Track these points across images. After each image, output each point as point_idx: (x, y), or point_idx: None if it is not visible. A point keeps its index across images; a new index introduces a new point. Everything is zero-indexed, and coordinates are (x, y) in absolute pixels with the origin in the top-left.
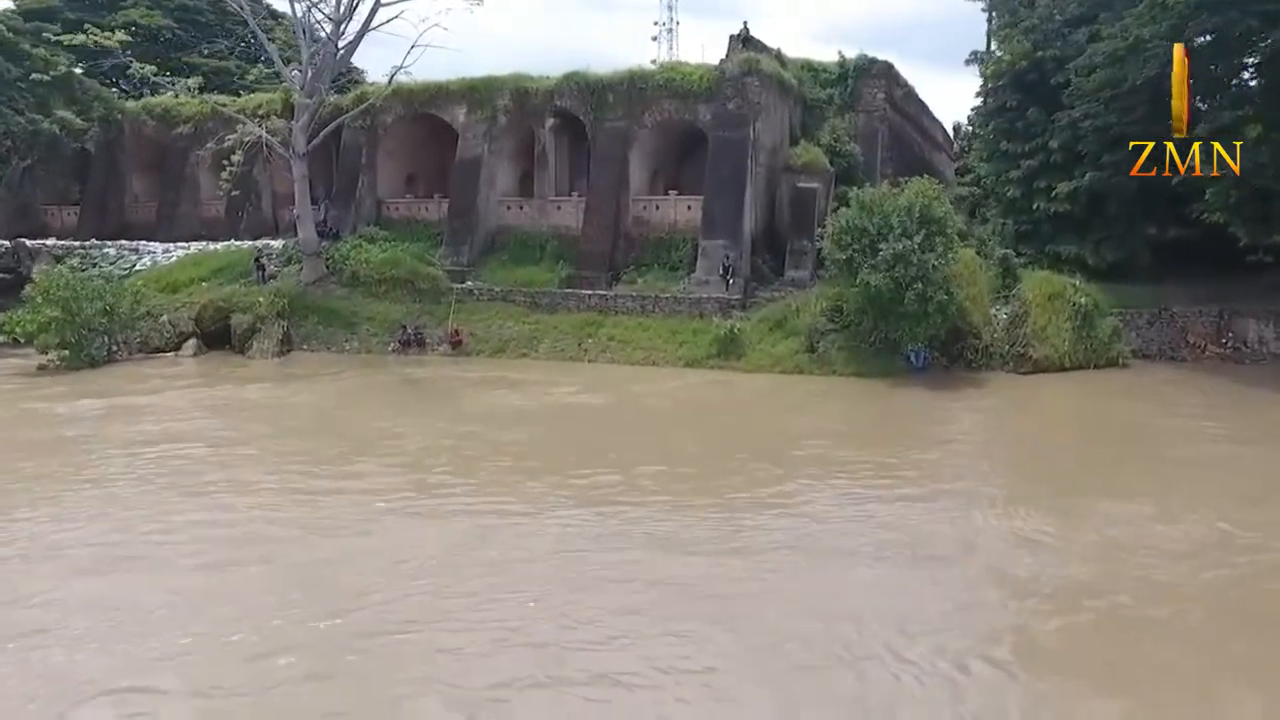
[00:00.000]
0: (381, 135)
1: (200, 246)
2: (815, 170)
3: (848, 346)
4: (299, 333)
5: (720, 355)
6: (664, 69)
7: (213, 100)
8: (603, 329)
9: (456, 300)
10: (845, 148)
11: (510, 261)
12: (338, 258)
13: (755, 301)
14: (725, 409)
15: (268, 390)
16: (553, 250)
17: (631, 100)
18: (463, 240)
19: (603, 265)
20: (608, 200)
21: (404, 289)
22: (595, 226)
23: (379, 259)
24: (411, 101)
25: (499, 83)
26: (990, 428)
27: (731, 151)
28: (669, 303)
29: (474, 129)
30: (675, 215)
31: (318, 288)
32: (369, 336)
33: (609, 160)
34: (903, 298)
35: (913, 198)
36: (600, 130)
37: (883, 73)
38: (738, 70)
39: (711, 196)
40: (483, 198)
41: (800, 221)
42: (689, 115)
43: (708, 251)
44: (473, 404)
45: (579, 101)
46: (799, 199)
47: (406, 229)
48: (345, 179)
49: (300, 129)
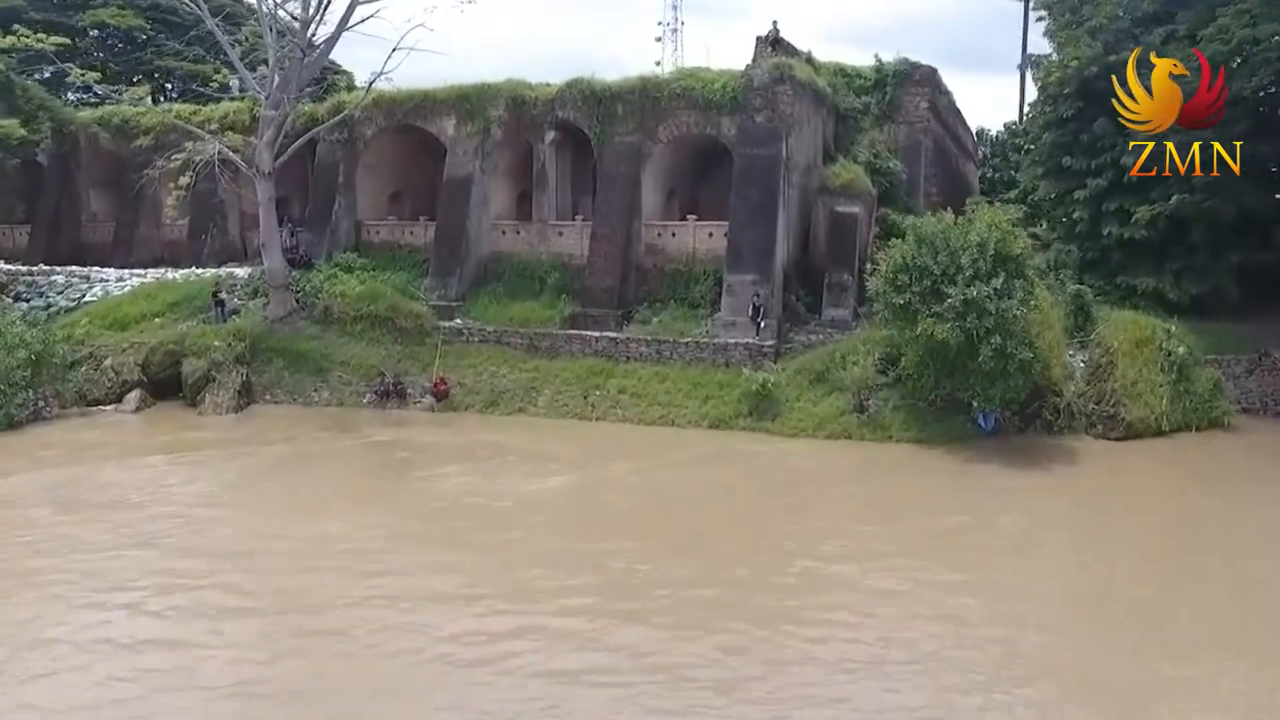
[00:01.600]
0: (361, 149)
1: (158, 274)
2: (856, 192)
3: (904, 406)
4: (262, 380)
5: (752, 414)
6: (681, 76)
7: (173, 110)
8: (612, 379)
9: (443, 342)
10: (886, 165)
11: (505, 295)
12: (309, 290)
13: (790, 347)
14: (766, 498)
15: (181, 466)
16: (554, 283)
17: (644, 112)
18: (451, 270)
19: (611, 301)
20: (616, 226)
21: (383, 328)
22: (602, 257)
23: (356, 292)
24: (394, 112)
25: (492, 91)
26: (1094, 535)
27: (761, 172)
28: (689, 349)
29: (464, 143)
30: (694, 243)
31: (285, 325)
32: (342, 386)
33: (618, 180)
34: (976, 352)
35: (985, 232)
36: (608, 146)
37: (926, 79)
38: (767, 77)
39: (738, 224)
40: (474, 221)
41: (840, 251)
42: (710, 129)
43: (734, 288)
44: (435, 494)
45: (583, 113)
46: (838, 225)
47: (388, 255)
48: (320, 199)
49: (265, 144)
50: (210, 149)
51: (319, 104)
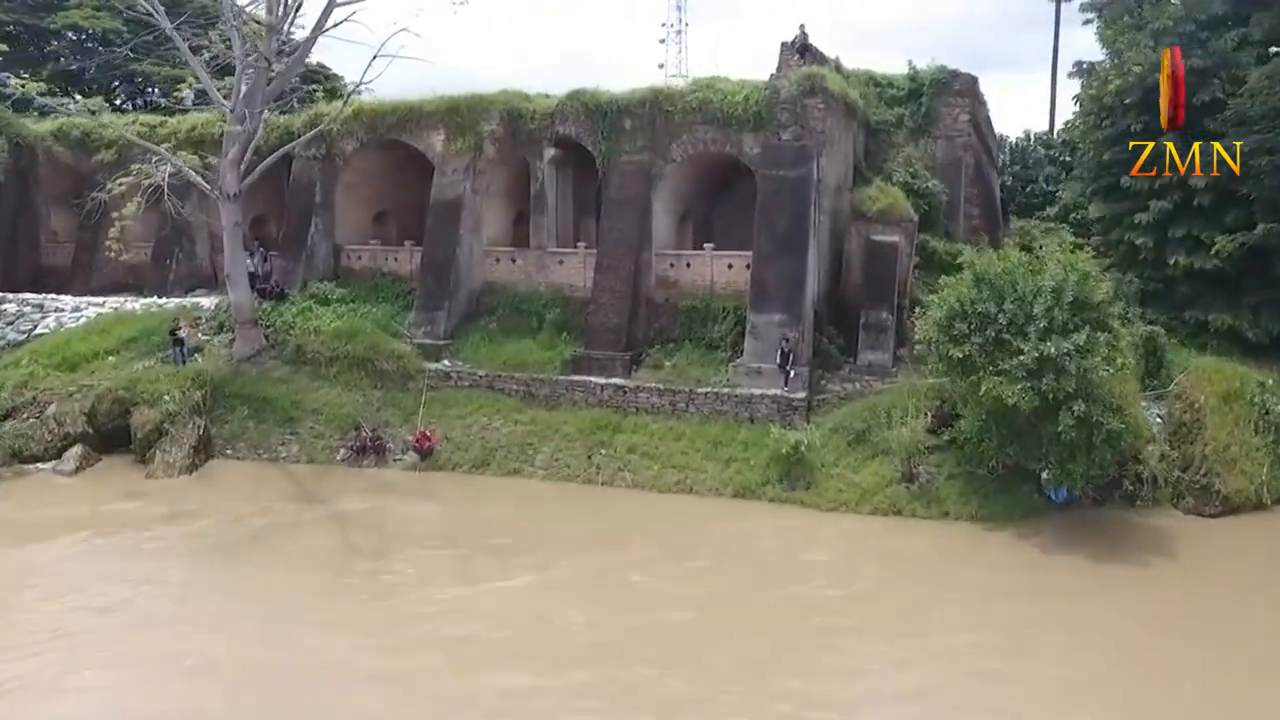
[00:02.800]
0: (341, 166)
1: (118, 303)
2: (894, 218)
3: (960, 474)
4: (223, 431)
5: (782, 481)
6: (696, 87)
7: (138, 121)
8: (620, 435)
9: (429, 387)
10: (925, 185)
11: (499, 333)
12: (280, 326)
13: (823, 399)
14: (791, 618)
15: (89, 556)
16: (554, 319)
17: (654, 127)
18: (438, 304)
19: (618, 342)
20: (624, 256)
21: (362, 370)
22: (608, 291)
23: (332, 329)
24: (376, 126)
25: (485, 103)
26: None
27: (789, 197)
28: (708, 400)
29: (453, 161)
30: (712, 275)
31: (253, 365)
32: (313, 439)
33: (625, 205)
34: (1053, 419)
35: (1061, 275)
36: (615, 166)
37: (967, 89)
38: (795, 89)
39: (763, 256)
40: (465, 249)
41: (877, 286)
42: (730, 148)
43: (759, 330)
44: (384, 610)
45: (586, 128)
46: (875, 257)
47: (370, 284)
48: (294, 221)
49: (230, 163)
50: (163, 171)
51: (294, 116)
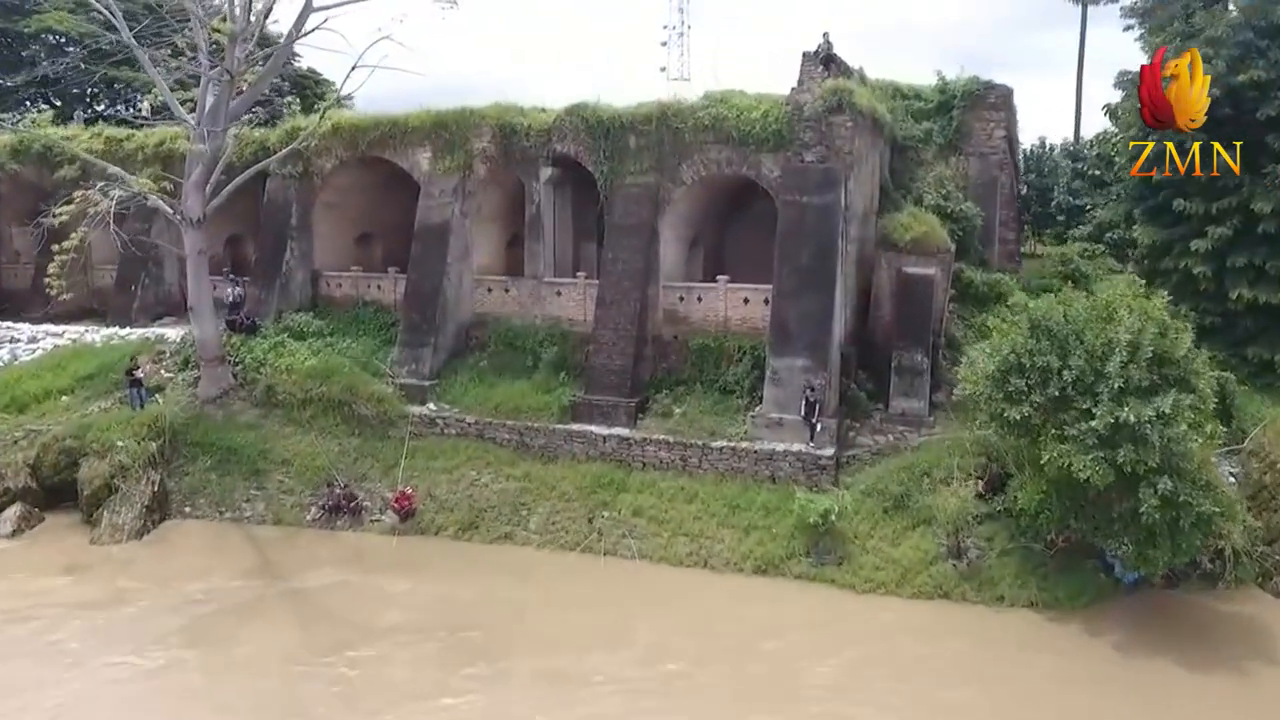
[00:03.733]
0: (319, 185)
1: (77, 333)
2: (929, 248)
3: (1015, 550)
4: (182, 485)
5: (810, 554)
6: (709, 102)
7: (101, 135)
8: (625, 494)
9: (412, 434)
10: (959, 209)
11: (490, 372)
12: (250, 363)
13: (854, 454)
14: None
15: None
16: (551, 358)
17: (662, 146)
18: (423, 339)
19: (622, 386)
20: (628, 290)
21: (338, 414)
22: (610, 328)
23: (306, 367)
24: (356, 142)
25: (476, 117)
26: None
27: (814, 226)
28: (724, 456)
29: (441, 181)
30: (726, 310)
31: (219, 408)
32: (282, 495)
33: (630, 232)
34: (1133, 496)
35: (1137, 325)
36: (618, 188)
37: (1002, 101)
38: (820, 105)
39: (784, 293)
40: (453, 278)
41: (911, 324)
42: (747, 169)
43: (780, 376)
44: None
45: (587, 146)
46: (908, 292)
47: (351, 315)
48: (269, 245)
49: (193, 186)
50: (112, 197)
51: (270, 130)
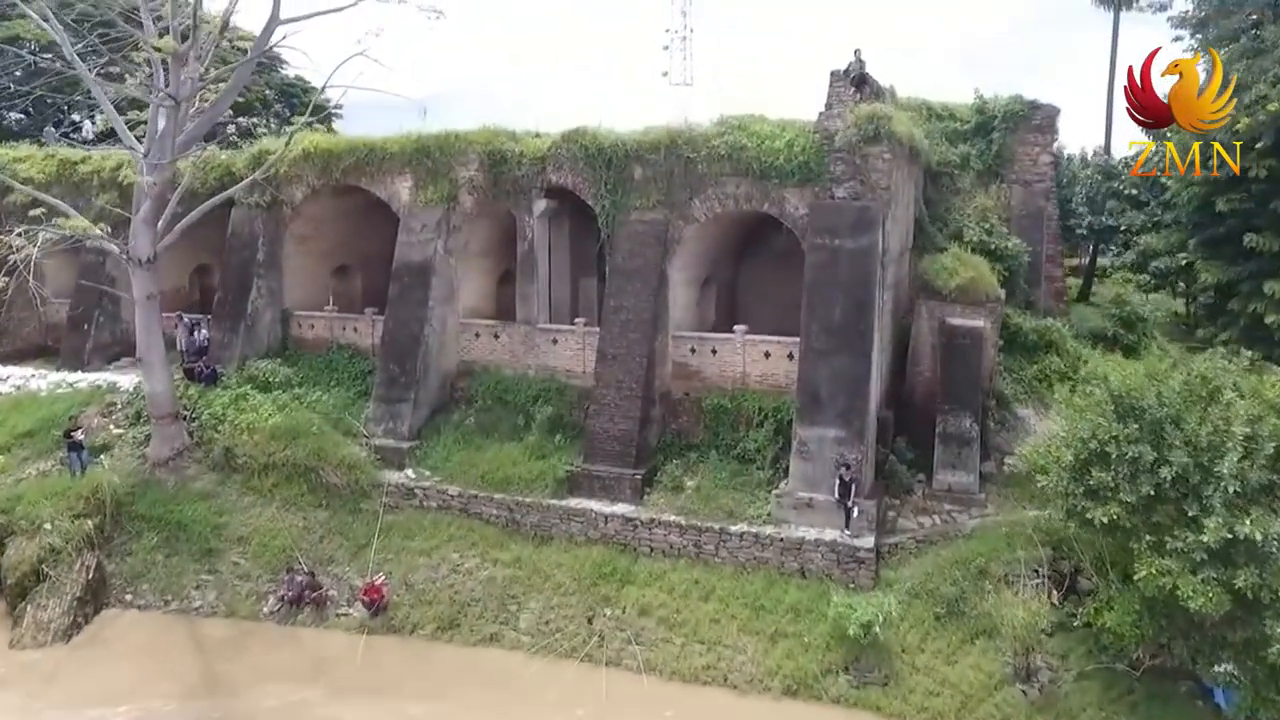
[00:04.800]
0: (289, 215)
1: (23, 379)
2: (977, 296)
3: (1097, 674)
4: (124, 568)
5: (850, 671)
6: (725, 128)
7: (55, 157)
8: (630, 586)
9: (388, 506)
10: (1003, 245)
11: (478, 432)
12: (207, 420)
13: (896, 541)
14: None
15: None
16: (546, 417)
17: (672, 178)
18: (402, 394)
19: (626, 455)
20: (634, 342)
21: (304, 482)
22: (614, 387)
23: (270, 425)
24: (329, 168)
25: (462, 143)
26: None
27: (847, 274)
28: (745, 543)
29: (423, 215)
30: (745, 365)
31: (171, 472)
32: (237, 580)
33: (635, 276)
34: (1253, 625)
35: (1253, 412)
36: (622, 225)
37: (1048, 122)
38: (854, 133)
39: (814, 351)
40: (435, 323)
41: (956, 385)
42: (769, 206)
43: (809, 448)
44: None
45: (586, 177)
46: (953, 346)
47: (324, 360)
48: (233, 283)
49: (142, 222)
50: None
51: (237, 154)
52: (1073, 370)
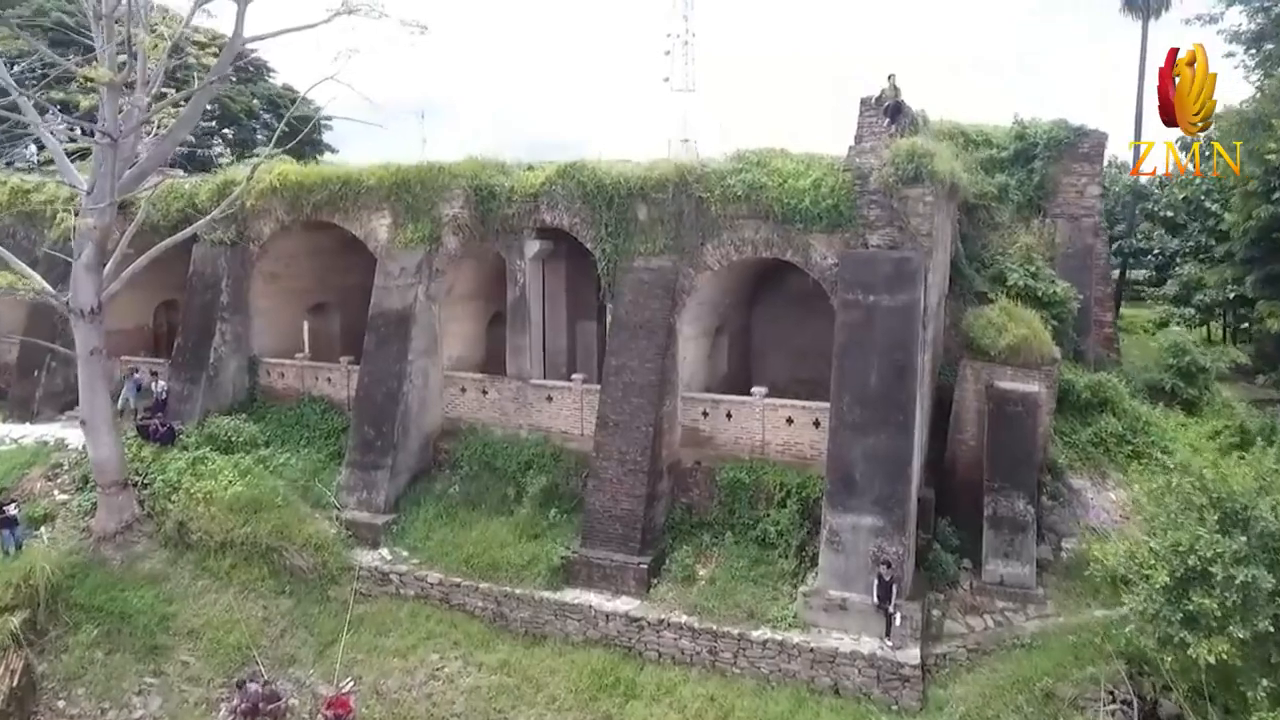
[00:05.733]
0: (256, 253)
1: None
2: (1031, 358)
3: None
4: (59, 668)
5: None
6: (743, 165)
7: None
8: (635, 702)
9: (360, 594)
10: (1050, 290)
11: (462, 504)
12: (160, 487)
13: (945, 652)
14: None
15: None
16: (540, 489)
17: (682, 220)
18: (378, 459)
19: (630, 538)
20: (638, 407)
21: (266, 564)
22: (616, 460)
23: (229, 496)
24: (299, 203)
25: (445, 176)
26: None
27: (885, 336)
28: (768, 652)
29: (402, 257)
30: (764, 432)
31: (117, 550)
32: (184, 683)
33: (641, 331)
34: None
35: None
36: (625, 272)
37: (1096, 150)
38: (891, 174)
39: (847, 425)
40: (416, 378)
41: (1008, 459)
42: (792, 253)
43: (841, 538)
44: None
45: (584, 217)
46: (1005, 414)
47: (294, 414)
48: (193, 329)
49: (83, 268)
50: None
51: (201, 182)
52: (1131, 432)
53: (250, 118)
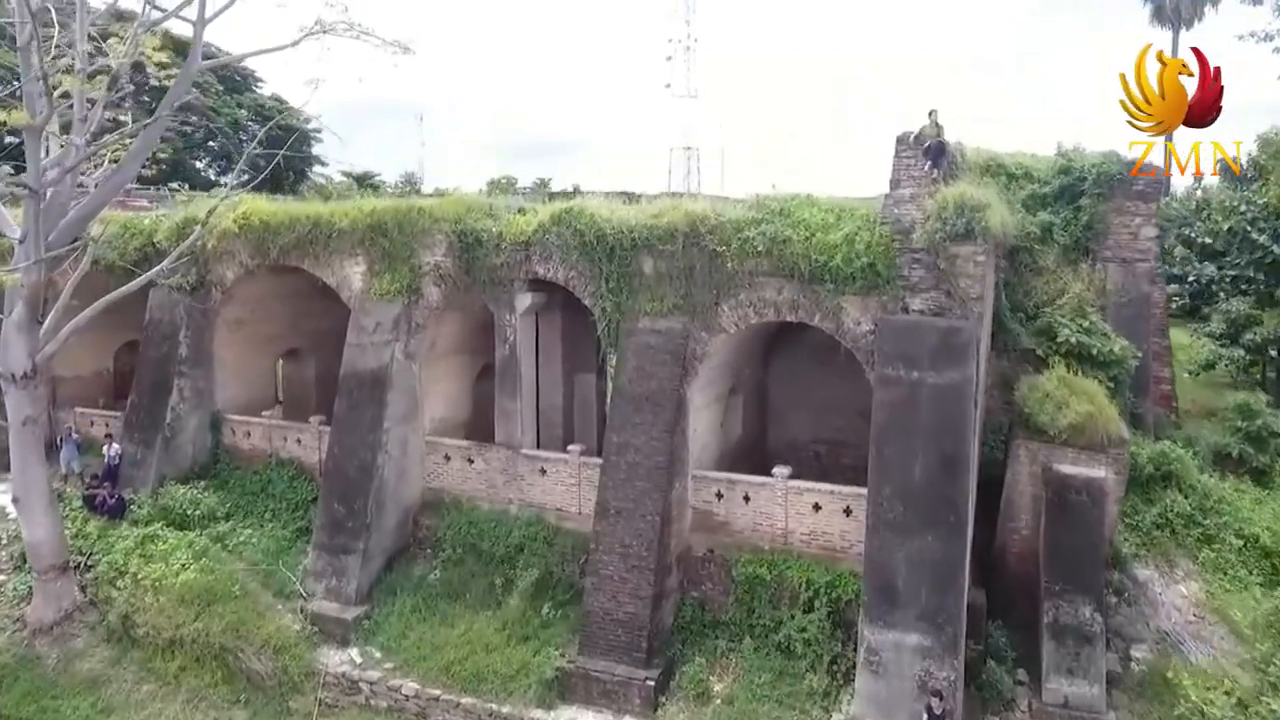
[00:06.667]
0: (220, 299)
1: None
2: (1096, 439)
3: None
4: None
5: None
6: (764, 214)
7: None
8: None
9: (325, 704)
10: (1108, 349)
11: (444, 595)
12: (105, 570)
13: None
14: None
15: None
16: (532, 582)
17: (693, 276)
18: (349, 542)
19: (634, 645)
20: (644, 492)
21: (220, 666)
22: (619, 553)
23: (180, 584)
24: (265, 246)
25: (426, 219)
26: None
27: (932, 419)
28: None
29: (378, 310)
30: (787, 518)
31: (53, 645)
32: None
33: (647, 404)
34: None
35: None
36: (630, 334)
37: (1152, 188)
38: (938, 228)
39: (888, 524)
40: (393, 448)
41: (1071, 558)
42: (821, 318)
43: (882, 657)
44: None
45: (581, 270)
46: (1066, 504)
47: (260, 481)
48: (147, 385)
49: (14, 328)
50: None
51: (160, 218)
52: (1201, 512)
53: (237, 129)
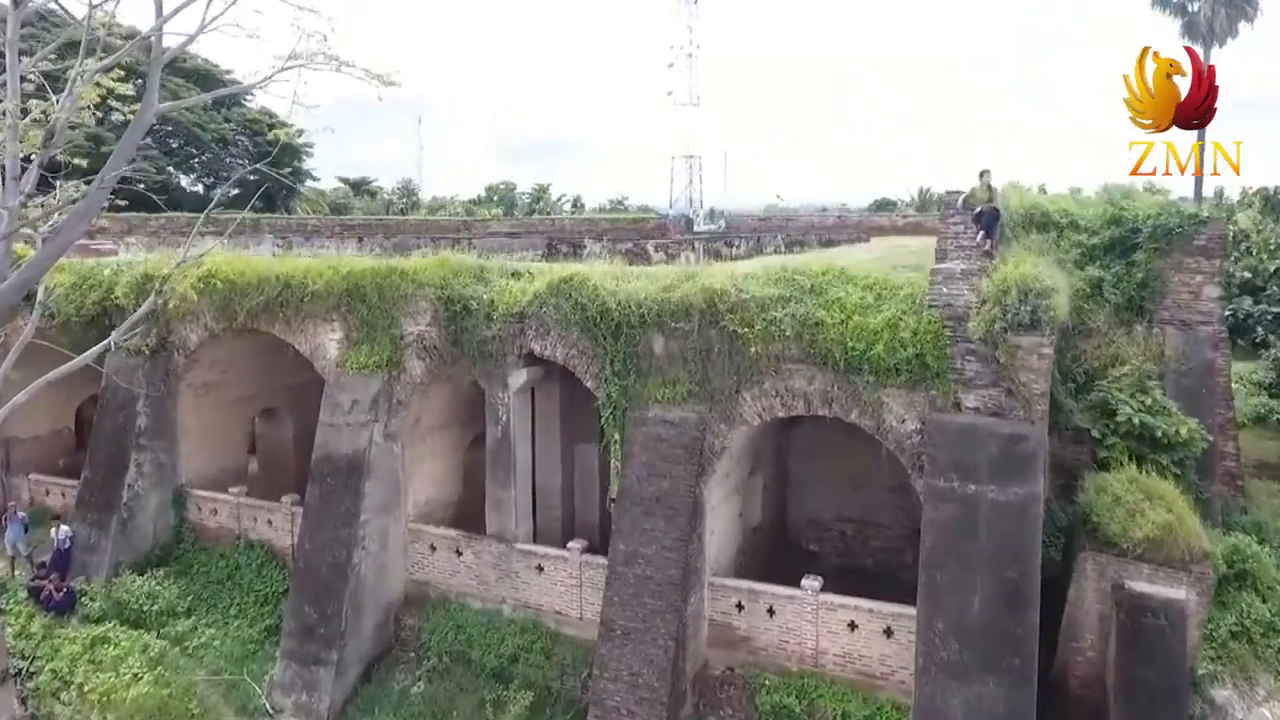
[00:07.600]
0: (183, 363)
1: None
2: (1176, 553)
3: None
4: None
5: None
6: (792, 292)
7: None
8: None
9: None
10: (1176, 431)
11: (428, 714)
12: (48, 679)
13: None
14: None
15: None
16: (527, 705)
17: (710, 359)
18: (321, 650)
19: None
20: (654, 611)
21: None
22: (626, 680)
23: (132, 697)
24: (231, 308)
25: (409, 284)
26: None
27: (993, 542)
28: None
29: (355, 386)
30: (818, 636)
31: None
32: None
33: (657, 508)
34: None
35: None
36: (638, 424)
37: (1216, 243)
38: (997, 315)
39: (940, 666)
40: (371, 543)
41: (1144, 689)
42: (860, 415)
43: None
44: None
45: (582, 347)
46: (1139, 626)
47: (227, 567)
48: (103, 458)
49: None
50: None
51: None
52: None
53: (223, 145)
